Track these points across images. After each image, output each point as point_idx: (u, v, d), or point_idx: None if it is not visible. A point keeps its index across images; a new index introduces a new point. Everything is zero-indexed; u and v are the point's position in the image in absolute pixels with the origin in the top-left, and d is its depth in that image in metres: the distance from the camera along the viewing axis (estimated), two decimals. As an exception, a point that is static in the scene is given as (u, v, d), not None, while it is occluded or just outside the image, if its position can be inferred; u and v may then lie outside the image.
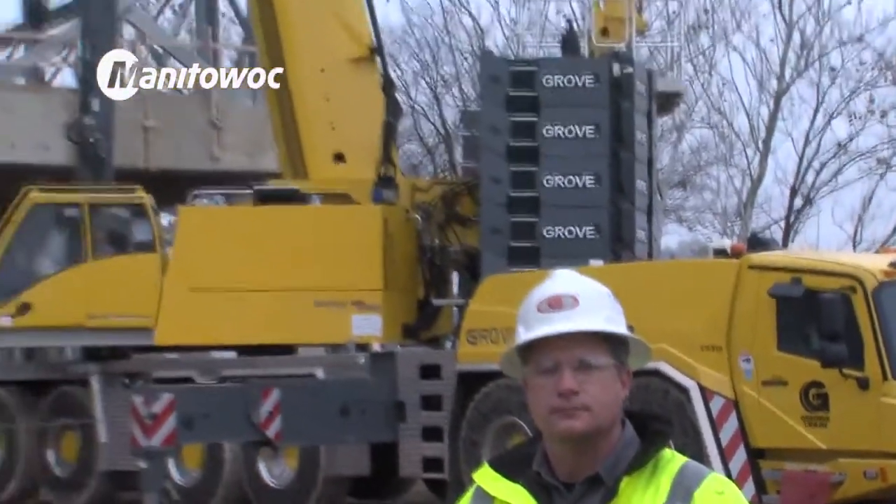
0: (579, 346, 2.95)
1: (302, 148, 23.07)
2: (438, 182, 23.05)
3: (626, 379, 3.04)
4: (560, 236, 20.46)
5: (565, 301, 2.99)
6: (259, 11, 23.41)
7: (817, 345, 15.12)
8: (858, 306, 15.00)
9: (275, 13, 23.04)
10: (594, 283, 3.08)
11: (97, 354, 22.02)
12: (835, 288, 15.20)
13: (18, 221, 21.47)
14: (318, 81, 23.05)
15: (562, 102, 20.50)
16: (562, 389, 2.92)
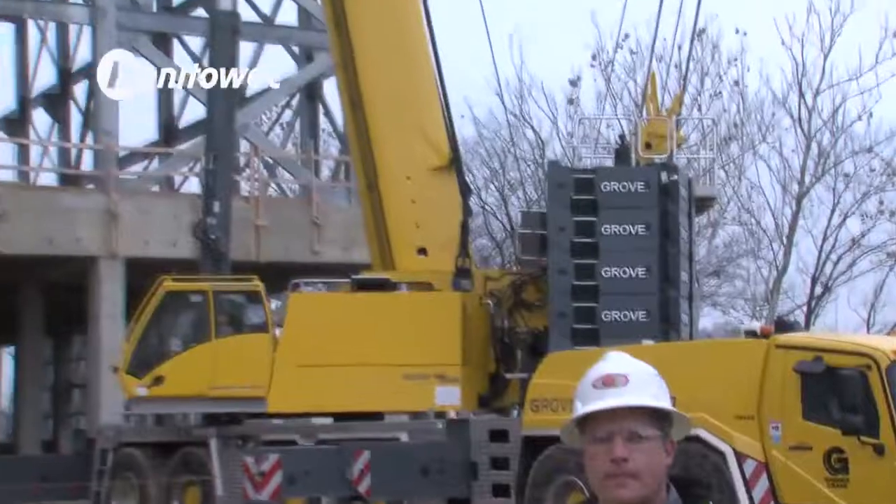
0: (629, 419, 3.08)
1: (390, 243, 23.12)
2: (507, 273, 23.02)
3: (670, 448, 3.16)
4: (616, 319, 20.43)
5: (617, 380, 3.12)
6: (355, 128, 23.51)
7: (838, 415, 14.99)
8: (873, 382, 14.87)
9: (368, 129, 23.13)
10: (642, 364, 3.20)
11: (216, 420, 22.09)
12: (852, 365, 15.07)
13: (154, 306, 21.62)
14: (405, 187, 23.11)
15: (617, 205, 20.54)
16: (614, 457, 3.04)
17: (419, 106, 23.24)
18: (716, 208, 35.55)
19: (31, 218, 29.46)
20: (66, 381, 44.14)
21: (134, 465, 22.78)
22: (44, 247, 29.58)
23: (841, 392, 14.96)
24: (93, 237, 29.88)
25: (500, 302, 22.15)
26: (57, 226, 29.69)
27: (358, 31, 22.76)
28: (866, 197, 43.04)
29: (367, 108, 23.02)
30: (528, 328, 22.10)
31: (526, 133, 44.26)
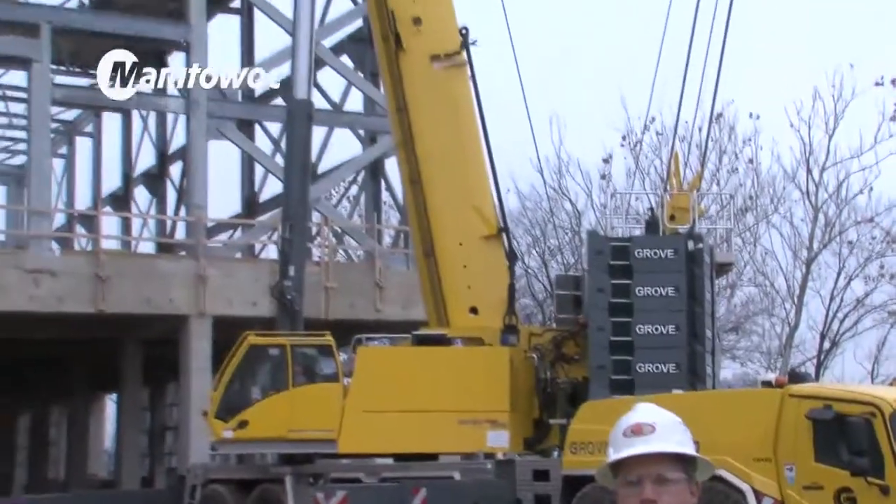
0: (657, 464, 3.18)
1: (445, 303, 23.04)
2: (548, 329, 22.91)
3: (695, 490, 3.26)
4: (650, 371, 20.32)
5: (645, 429, 3.24)
6: (413, 201, 23.49)
7: (846, 458, 14.79)
8: (878, 428, 14.68)
9: (425, 202, 23.10)
10: (668, 414, 3.33)
11: (291, 459, 22.00)
12: (859, 413, 14.89)
13: (239, 359, 21.62)
14: (458, 253, 23.05)
15: (650, 270, 20.50)
16: (643, 498, 3.15)
17: (471, 182, 23.22)
18: (734, 272, 35.71)
19: (132, 281, 29.64)
20: (161, 424, 44.26)
21: (219, 500, 22.70)
22: (142, 307, 29.74)
23: (849, 437, 14.78)
24: (184, 298, 30.01)
25: (542, 355, 22.07)
26: (154, 288, 29.86)
27: (416, 116, 22.80)
28: (868, 262, 43.03)
29: (425, 184, 23.02)
30: (568, 379, 22.01)
31: (564, 205, 44.53)
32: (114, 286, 29.23)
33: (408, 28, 22.05)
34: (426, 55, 22.39)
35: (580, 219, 44.05)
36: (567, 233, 44.24)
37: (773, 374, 22.91)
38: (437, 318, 23.21)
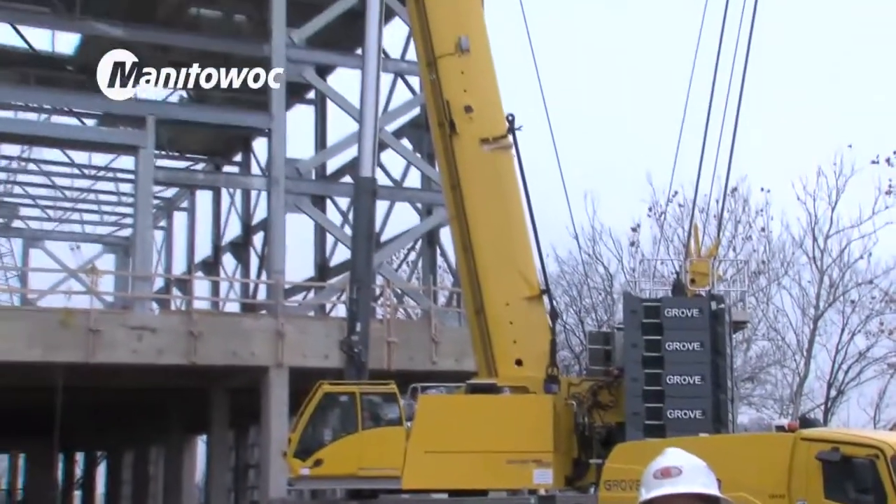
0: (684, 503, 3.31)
1: (494, 356, 22.92)
2: (585, 379, 22.71)
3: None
4: (679, 417, 20.18)
5: (673, 472, 3.37)
6: (465, 266, 23.43)
7: (853, 496, 14.53)
8: (881, 469, 14.41)
9: (476, 267, 23.05)
10: (694, 458, 3.46)
11: (359, 494, 21.88)
12: (863, 455, 14.64)
13: (314, 405, 21.60)
14: (505, 312, 22.96)
15: (678, 327, 20.41)
16: None
17: (516, 249, 23.17)
18: (749, 327, 35.55)
19: (220, 337, 29.74)
20: (244, 462, 44.30)
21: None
22: (229, 359, 29.82)
23: (855, 477, 14.55)
24: (265, 351, 30.07)
25: (580, 403, 21.92)
26: (238, 343, 29.94)
27: (468, 192, 22.82)
28: (869, 319, 42.90)
29: (476, 251, 22.98)
30: (603, 423, 21.84)
31: (597, 269, 44.59)
32: (204, 341, 29.33)
33: (460, 115, 22.13)
34: (477, 139, 22.44)
35: (612, 281, 44.08)
36: (600, 293, 44.22)
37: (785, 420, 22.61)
38: (486, 369, 23.09)
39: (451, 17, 21.89)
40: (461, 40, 21.91)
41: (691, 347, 20.32)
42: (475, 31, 22.30)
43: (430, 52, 22.05)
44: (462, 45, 21.86)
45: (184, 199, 48.43)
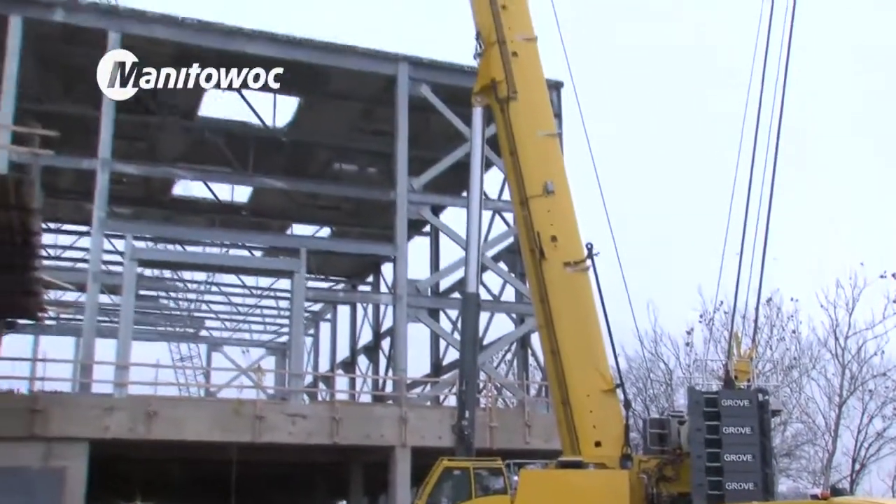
0: None
1: (577, 438, 22.04)
2: (653, 457, 21.65)
3: None
4: (735, 489, 19.19)
5: None
6: (552, 366, 22.70)
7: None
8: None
9: (562, 366, 22.36)
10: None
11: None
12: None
13: (435, 477, 20.99)
14: (586, 402, 22.13)
15: (732, 415, 19.61)
16: None
17: (594, 351, 22.43)
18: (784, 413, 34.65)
19: (356, 422, 29.42)
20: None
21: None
22: (363, 440, 29.45)
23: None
24: (392, 434, 29.65)
25: (649, 477, 20.91)
26: (371, 427, 29.57)
27: (554, 305, 22.27)
28: (884, 405, 41.91)
29: (561, 353, 22.31)
30: (668, 494, 20.78)
31: (659, 365, 43.86)
32: (344, 425, 29.04)
33: (548, 244, 21.71)
34: (561, 262, 21.97)
35: (671, 375, 43.37)
36: (662, 385, 43.43)
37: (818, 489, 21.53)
38: (570, 449, 22.20)
39: (539, 167, 21.67)
40: (547, 184, 21.64)
41: (743, 431, 19.55)
42: (558, 177, 22.03)
43: (523, 193, 21.79)
44: (548, 188, 21.58)
45: (328, 312, 48.61)
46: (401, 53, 33.17)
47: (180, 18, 30.74)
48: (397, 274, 32.61)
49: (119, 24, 30.13)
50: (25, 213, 19.12)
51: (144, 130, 35.49)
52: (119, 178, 32.24)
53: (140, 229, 34.86)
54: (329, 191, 36.58)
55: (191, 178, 34.85)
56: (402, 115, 32.78)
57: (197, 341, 52.50)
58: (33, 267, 21.69)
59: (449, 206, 36.87)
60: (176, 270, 43.40)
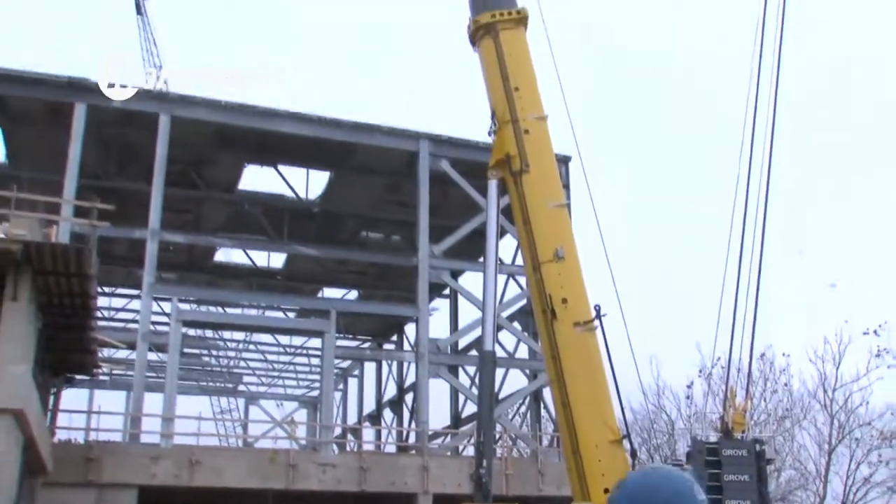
0: None
1: (587, 485, 21.66)
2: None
3: None
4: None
5: None
6: (564, 418, 22.34)
7: None
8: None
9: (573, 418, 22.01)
10: None
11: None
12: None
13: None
14: (594, 451, 21.75)
15: (732, 463, 19.44)
16: None
17: (602, 404, 22.11)
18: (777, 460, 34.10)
19: (382, 471, 29.18)
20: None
21: None
22: (388, 487, 29.17)
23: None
24: (415, 482, 29.36)
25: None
26: (395, 475, 29.31)
27: (565, 362, 22.05)
28: (870, 452, 41.51)
29: (572, 407, 22.04)
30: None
31: (661, 416, 43.40)
32: (371, 474, 28.79)
33: (559, 305, 21.59)
34: (571, 322, 21.80)
35: (673, 426, 42.91)
36: (665, 435, 42.92)
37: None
38: (581, 495, 21.78)
39: (550, 235, 21.69)
40: (558, 250, 21.62)
41: (743, 479, 19.32)
42: (567, 244, 22.02)
43: (535, 259, 21.78)
44: (559, 254, 21.55)
45: (356, 369, 48.42)
46: (422, 131, 33.55)
47: (222, 102, 31.25)
48: (419, 333, 32.54)
49: (168, 107, 30.68)
50: (84, 278, 19.37)
51: (190, 203, 35.88)
52: (167, 246, 32.54)
53: (185, 293, 35.04)
54: (357, 257, 36.75)
55: (231, 246, 35.15)
56: (424, 188, 33.03)
57: (236, 395, 52.37)
58: (90, 327, 21.89)
59: (467, 271, 36.89)
60: (217, 330, 43.45)
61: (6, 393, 18.00)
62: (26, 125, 31.35)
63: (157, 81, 40.43)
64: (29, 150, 32.24)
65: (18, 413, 18.42)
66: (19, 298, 18.48)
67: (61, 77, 29.52)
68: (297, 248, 34.75)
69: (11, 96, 29.80)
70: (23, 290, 18.60)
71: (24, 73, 29.22)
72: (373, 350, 46.01)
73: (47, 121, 30.61)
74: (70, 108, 29.31)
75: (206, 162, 34.26)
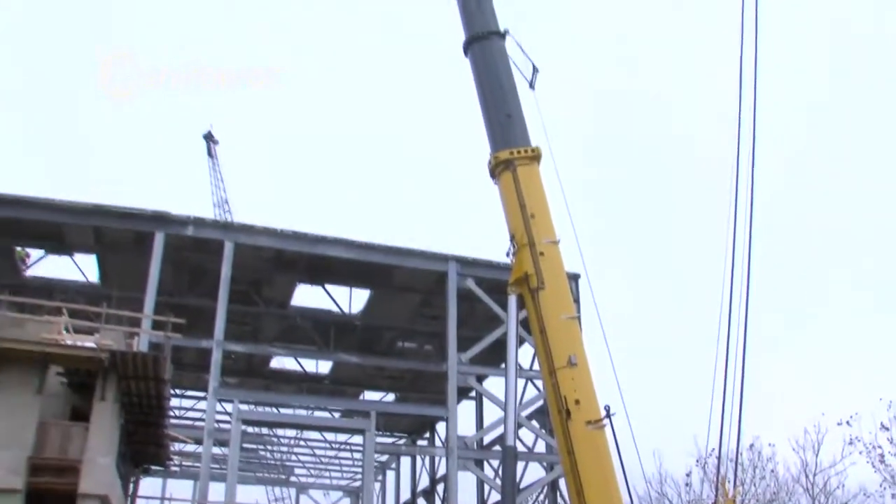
0: None
1: None
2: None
3: None
4: None
5: None
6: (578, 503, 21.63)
7: None
8: None
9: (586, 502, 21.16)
10: None
11: None
12: None
13: None
14: None
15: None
16: None
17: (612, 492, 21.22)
18: None
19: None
20: None
21: None
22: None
23: None
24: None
25: None
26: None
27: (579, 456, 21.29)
28: None
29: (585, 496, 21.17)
30: None
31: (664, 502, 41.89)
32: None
33: (572, 406, 21.19)
34: (584, 421, 21.34)
35: (687, 492, 41.89)
36: (678, 503, 41.84)
37: None
38: None
39: (563, 344, 21.49)
40: (571, 358, 21.38)
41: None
42: (579, 351, 21.79)
43: (551, 365, 21.53)
44: (572, 361, 21.29)
45: (393, 462, 47.42)
46: (450, 254, 33.79)
47: (278, 230, 31.78)
48: (449, 431, 31.96)
49: (233, 235, 31.24)
50: (159, 382, 19.43)
51: (249, 317, 36.07)
52: (229, 354, 32.56)
53: (245, 395, 34.80)
54: (394, 364, 36.54)
55: (284, 354, 35.14)
56: (452, 303, 33.04)
57: (288, 485, 51.31)
58: (163, 424, 21.81)
59: (490, 376, 36.41)
60: (272, 428, 42.96)
61: (95, 480, 17.88)
62: (116, 251, 32.00)
63: (223, 213, 41.25)
64: (117, 272, 32.80)
65: (104, 498, 18.23)
66: (106, 399, 18.63)
67: (146, 211, 30.26)
68: (341, 357, 34.63)
69: (106, 227, 30.54)
70: (109, 392, 18.74)
71: (116, 208, 30.01)
72: (408, 446, 45.13)
73: (133, 247, 31.22)
74: (151, 237, 29.93)
75: (264, 282, 34.61)
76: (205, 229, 31.04)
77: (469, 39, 23.15)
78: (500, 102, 22.25)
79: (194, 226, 30.87)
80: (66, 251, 32.92)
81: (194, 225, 30.87)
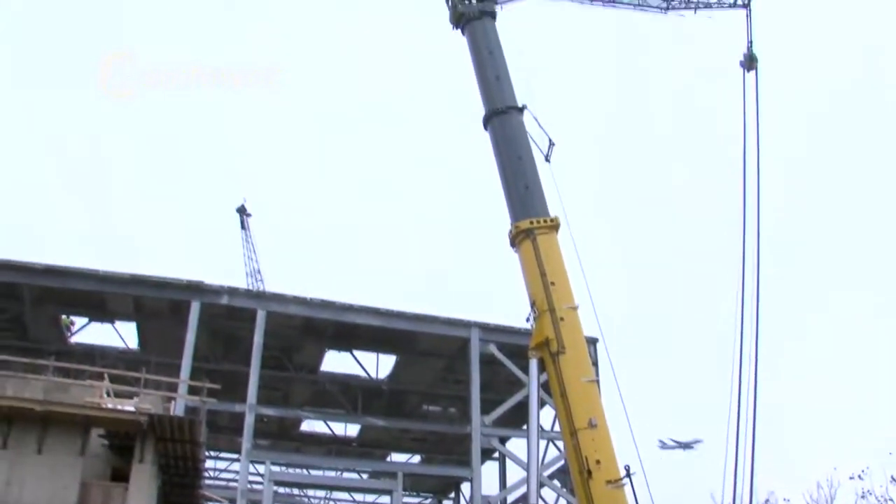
0: None
1: None
2: None
3: None
4: None
5: None
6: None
7: None
8: None
9: None
10: None
11: None
12: None
13: None
14: None
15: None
16: None
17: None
18: None
19: None
20: None
21: None
22: None
23: None
24: None
25: None
26: None
27: None
28: None
29: None
30: None
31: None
32: None
33: (593, 466, 20.89)
34: (604, 480, 21.02)
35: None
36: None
37: None
38: None
39: (583, 406, 21.31)
40: (591, 419, 21.20)
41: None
42: (598, 413, 21.57)
43: (572, 426, 21.34)
44: (592, 423, 21.10)
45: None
46: (472, 320, 33.87)
47: (308, 299, 32.10)
48: (473, 491, 31.54)
49: (265, 304, 31.61)
50: (195, 445, 19.54)
51: (280, 382, 36.17)
52: (261, 418, 32.57)
53: (276, 457, 34.62)
54: (419, 427, 36.30)
55: (314, 418, 35.13)
56: (475, 368, 32.99)
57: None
58: (199, 485, 21.81)
59: (513, 437, 36.05)
60: (302, 489, 42.50)
61: (134, 539, 17.80)
62: (154, 319, 32.43)
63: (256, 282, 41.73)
64: (155, 339, 33.19)
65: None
66: (145, 460, 18.76)
67: (181, 281, 30.79)
68: (369, 420, 34.51)
69: (145, 297, 31.04)
70: (147, 454, 18.87)
71: (153, 278, 30.56)
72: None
73: (170, 315, 31.65)
74: (187, 306, 30.35)
75: (294, 348, 34.81)
76: (238, 298, 31.47)
77: (489, 114, 23.62)
78: (519, 174, 22.59)
79: (228, 295, 31.30)
80: (108, 319, 33.45)
81: (228, 294, 31.31)
